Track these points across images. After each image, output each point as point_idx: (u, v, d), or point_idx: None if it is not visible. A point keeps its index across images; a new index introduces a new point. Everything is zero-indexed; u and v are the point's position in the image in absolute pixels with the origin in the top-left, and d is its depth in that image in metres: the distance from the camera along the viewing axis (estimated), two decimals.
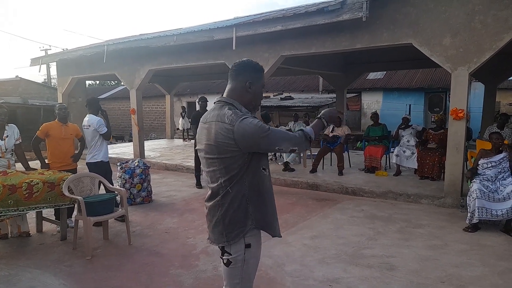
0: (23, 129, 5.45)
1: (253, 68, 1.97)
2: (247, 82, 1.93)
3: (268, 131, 1.81)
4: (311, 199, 6.24)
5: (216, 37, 7.25)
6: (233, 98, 1.94)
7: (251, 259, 1.93)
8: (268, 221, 1.96)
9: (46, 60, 12.00)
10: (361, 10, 5.51)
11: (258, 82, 1.97)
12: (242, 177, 1.86)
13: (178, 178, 8.19)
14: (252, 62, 1.98)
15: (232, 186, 1.87)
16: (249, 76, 1.94)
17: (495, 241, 4.27)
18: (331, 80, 11.66)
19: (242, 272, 1.91)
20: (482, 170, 4.86)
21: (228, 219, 1.89)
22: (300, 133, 1.91)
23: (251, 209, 1.89)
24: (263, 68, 2.05)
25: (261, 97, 2.05)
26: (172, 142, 14.23)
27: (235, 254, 1.90)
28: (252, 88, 1.95)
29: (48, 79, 28.90)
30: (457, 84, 5.46)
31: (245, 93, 1.95)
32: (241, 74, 1.95)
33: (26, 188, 3.96)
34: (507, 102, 17.32)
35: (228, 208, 1.89)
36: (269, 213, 1.96)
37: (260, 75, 2.00)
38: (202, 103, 6.92)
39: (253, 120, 1.82)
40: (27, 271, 3.62)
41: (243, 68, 1.96)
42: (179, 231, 4.75)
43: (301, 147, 1.91)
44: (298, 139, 1.88)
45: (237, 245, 1.89)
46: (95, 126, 4.98)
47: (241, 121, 1.80)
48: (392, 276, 3.44)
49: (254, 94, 1.97)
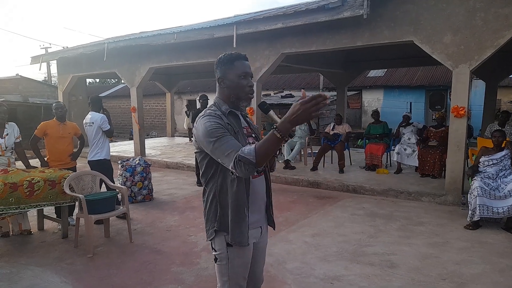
0: (23, 127, 5.45)
1: (222, 61, 1.85)
2: (218, 78, 1.87)
3: (214, 139, 1.68)
4: (312, 197, 6.24)
5: (216, 35, 7.24)
6: (218, 96, 1.90)
7: (235, 258, 1.88)
8: (229, 226, 1.84)
9: (47, 58, 11.98)
10: (362, 7, 5.50)
11: (231, 74, 1.82)
12: (214, 177, 1.84)
13: (179, 176, 8.20)
14: (222, 56, 1.86)
15: (206, 184, 1.89)
16: (219, 70, 1.85)
17: (496, 238, 4.27)
18: (331, 78, 11.64)
19: (228, 271, 1.89)
20: (483, 167, 4.86)
21: (206, 216, 1.93)
22: (239, 157, 1.58)
23: (219, 211, 1.86)
24: (237, 55, 1.85)
25: (243, 89, 1.84)
26: (173, 140, 14.23)
27: (219, 251, 1.90)
28: (226, 82, 1.84)
29: (48, 77, 28.86)
30: (458, 81, 5.45)
31: (222, 89, 1.87)
32: (215, 72, 1.89)
33: (27, 186, 3.96)
34: (508, 100, 17.29)
35: (205, 205, 1.92)
36: (230, 217, 1.83)
37: (231, 65, 1.82)
38: (203, 101, 6.91)
39: (207, 122, 1.73)
40: (29, 269, 3.63)
41: (215, 65, 1.88)
42: (180, 229, 4.76)
43: (240, 172, 1.61)
44: (235, 163, 1.59)
45: (219, 242, 1.88)
46: (99, 123, 4.99)
47: (199, 120, 1.78)
48: (393, 273, 3.44)
49: (230, 88, 1.84)
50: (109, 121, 5.12)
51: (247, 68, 1.85)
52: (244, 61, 1.86)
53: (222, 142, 1.66)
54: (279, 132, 1.53)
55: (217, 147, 1.67)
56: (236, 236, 1.83)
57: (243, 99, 1.86)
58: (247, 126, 1.96)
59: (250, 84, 1.86)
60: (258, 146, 1.57)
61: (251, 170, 1.59)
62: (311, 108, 1.47)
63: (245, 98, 1.86)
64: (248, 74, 1.85)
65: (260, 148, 1.57)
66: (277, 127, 1.54)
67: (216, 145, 1.68)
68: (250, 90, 1.86)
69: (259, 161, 1.57)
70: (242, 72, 1.83)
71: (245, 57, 1.88)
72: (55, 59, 11.43)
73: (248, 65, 1.87)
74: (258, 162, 1.57)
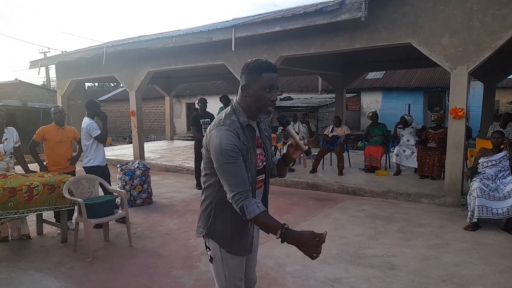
0: (22, 131, 5.43)
1: (250, 69, 1.76)
2: (241, 85, 1.80)
3: (225, 162, 1.67)
4: (312, 199, 6.24)
5: (215, 38, 7.25)
6: (238, 102, 1.83)
7: (229, 259, 1.87)
8: (223, 235, 1.85)
9: (45, 62, 11.98)
10: (360, 10, 5.51)
11: (255, 84, 1.74)
12: (215, 185, 1.82)
13: (178, 179, 8.19)
14: (251, 63, 1.76)
15: (206, 188, 1.89)
16: (245, 78, 1.77)
17: (495, 239, 4.27)
18: (330, 80, 11.66)
19: (224, 271, 1.89)
20: (482, 168, 4.86)
21: (200, 215, 1.94)
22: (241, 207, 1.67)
23: (211, 219, 1.86)
24: (266, 66, 1.75)
25: (265, 101, 1.76)
26: (172, 144, 14.22)
27: (213, 249, 1.90)
28: (249, 91, 1.76)
29: (47, 81, 28.88)
30: (456, 83, 5.47)
31: (244, 97, 1.80)
32: (240, 77, 1.81)
33: (26, 190, 3.95)
34: (506, 101, 17.34)
35: (202, 204, 1.93)
36: (230, 228, 1.84)
37: (259, 76, 1.73)
38: (202, 105, 6.92)
39: (223, 138, 1.68)
40: (28, 274, 3.61)
41: (241, 71, 1.80)
42: (179, 233, 4.75)
43: (236, 208, 1.69)
44: (234, 203, 1.68)
45: (213, 242, 1.89)
46: (86, 129, 4.90)
47: (215, 130, 1.74)
48: (394, 275, 3.44)
49: (252, 98, 1.77)
50: (105, 126, 5.05)
51: (274, 81, 1.76)
52: (273, 73, 1.76)
53: (231, 169, 1.68)
54: (281, 237, 1.65)
55: (225, 171, 1.69)
56: (235, 247, 1.87)
57: (263, 112, 1.80)
58: (259, 136, 1.91)
59: (274, 98, 1.78)
60: (260, 218, 1.67)
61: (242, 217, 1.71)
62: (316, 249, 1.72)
63: (266, 112, 1.80)
64: (274, 88, 1.77)
65: (261, 221, 1.69)
66: (285, 233, 1.64)
67: (224, 168, 1.69)
68: (273, 104, 1.79)
69: (252, 222, 1.73)
70: (268, 85, 1.75)
71: (275, 68, 1.78)
72: (54, 63, 11.43)
73: (276, 78, 1.78)
74: (251, 221, 1.71)
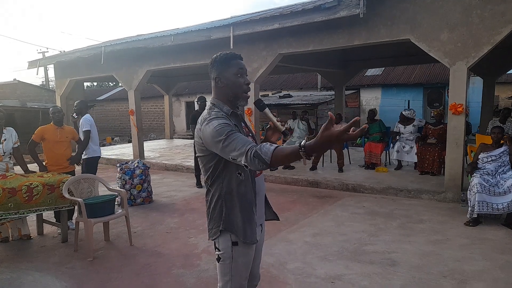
0: (21, 132, 5.44)
1: (218, 61, 1.86)
2: (215, 77, 1.87)
3: (224, 137, 1.67)
4: (312, 196, 6.24)
5: (213, 37, 7.24)
6: (215, 97, 1.89)
7: (239, 257, 1.89)
8: (239, 226, 1.87)
9: (44, 62, 11.97)
10: (358, 6, 5.50)
11: (227, 72, 1.84)
12: (219, 178, 1.85)
13: (178, 178, 8.19)
14: (217, 55, 1.87)
15: (211, 185, 1.90)
16: (216, 70, 1.86)
17: (496, 235, 4.28)
18: (329, 77, 11.65)
19: (231, 270, 1.90)
20: (482, 164, 4.86)
21: (210, 215, 1.93)
22: (255, 153, 1.58)
23: (225, 211, 1.87)
24: (233, 55, 1.87)
25: (240, 87, 1.86)
26: (172, 142, 14.21)
27: (223, 250, 1.90)
28: (223, 81, 1.85)
29: (46, 81, 28.83)
30: (456, 78, 5.46)
31: (219, 89, 1.87)
32: (211, 72, 1.88)
33: (26, 191, 3.95)
34: (506, 96, 17.32)
35: (210, 205, 1.92)
36: (240, 217, 1.86)
37: (228, 63, 1.84)
38: (201, 103, 6.92)
39: (214, 122, 1.73)
40: (29, 274, 3.61)
41: (210, 65, 1.88)
42: (180, 231, 4.75)
43: (253, 167, 1.62)
44: (249, 158, 1.60)
45: (224, 241, 1.89)
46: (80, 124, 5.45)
47: (207, 123, 1.76)
48: (394, 271, 3.44)
49: (227, 87, 1.85)
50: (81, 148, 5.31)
51: (243, 66, 1.88)
52: (240, 60, 1.88)
53: (232, 139, 1.66)
54: (305, 153, 1.51)
55: (228, 144, 1.66)
56: (249, 235, 1.88)
57: (241, 97, 1.88)
58: (245, 126, 1.98)
59: (247, 82, 1.88)
60: (277, 151, 1.56)
61: (263, 168, 1.61)
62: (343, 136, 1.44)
63: (243, 97, 1.88)
64: (244, 71, 1.88)
65: (279, 154, 1.56)
66: (305, 148, 1.51)
67: (226, 143, 1.66)
68: (247, 88, 1.89)
69: (273, 164, 1.58)
70: (238, 70, 1.85)
71: (240, 56, 1.91)
72: (53, 63, 11.42)
73: (244, 65, 1.89)
74: (272, 164, 1.58)
